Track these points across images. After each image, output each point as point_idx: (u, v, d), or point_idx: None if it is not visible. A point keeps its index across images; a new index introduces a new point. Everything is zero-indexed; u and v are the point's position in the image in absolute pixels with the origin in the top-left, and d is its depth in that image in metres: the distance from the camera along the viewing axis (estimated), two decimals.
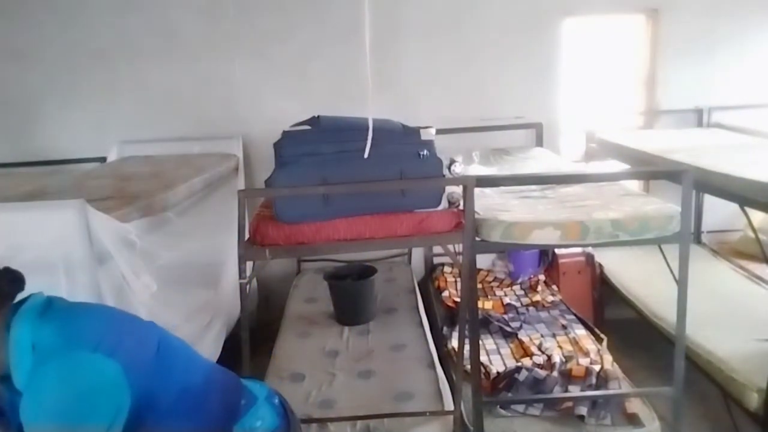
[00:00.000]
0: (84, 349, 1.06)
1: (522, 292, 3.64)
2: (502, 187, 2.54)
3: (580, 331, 3.02)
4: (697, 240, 3.93)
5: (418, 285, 3.84)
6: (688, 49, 3.87)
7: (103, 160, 3.64)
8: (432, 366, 2.74)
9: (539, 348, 2.85)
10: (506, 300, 3.46)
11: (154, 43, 3.78)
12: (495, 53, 3.86)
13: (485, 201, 2.37)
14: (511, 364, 2.71)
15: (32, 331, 1.05)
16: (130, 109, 3.84)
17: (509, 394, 2.46)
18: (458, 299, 3.23)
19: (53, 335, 1.06)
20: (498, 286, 3.77)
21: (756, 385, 2.28)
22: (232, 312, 2.97)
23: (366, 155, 1.98)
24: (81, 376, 1.03)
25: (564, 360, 2.67)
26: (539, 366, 2.63)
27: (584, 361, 2.64)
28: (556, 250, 3.70)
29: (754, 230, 2.80)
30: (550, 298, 3.46)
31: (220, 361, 1.82)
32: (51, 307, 1.13)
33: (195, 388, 1.27)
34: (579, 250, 3.68)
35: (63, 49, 3.77)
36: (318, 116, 2.18)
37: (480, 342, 2.50)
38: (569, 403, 2.37)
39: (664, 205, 2.24)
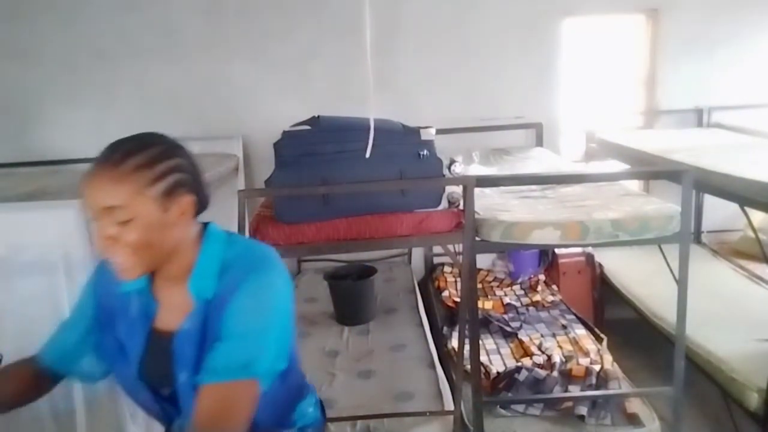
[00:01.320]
0: (278, 271, 1.10)
1: (522, 292, 3.64)
2: (502, 187, 2.54)
3: (580, 331, 3.02)
4: (697, 240, 3.93)
5: (418, 285, 3.84)
6: (688, 49, 3.87)
7: None
8: (432, 366, 2.74)
9: (539, 348, 2.85)
10: (506, 300, 3.46)
11: (154, 43, 3.78)
12: (495, 53, 3.86)
13: (485, 201, 2.37)
14: (511, 364, 2.71)
15: (224, 247, 1.11)
16: (130, 109, 3.84)
17: (509, 394, 2.46)
18: (458, 299, 3.23)
19: (249, 253, 1.11)
20: (498, 286, 3.77)
21: (756, 385, 2.28)
22: None
23: (368, 155, 1.98)
24: (277, 292, 1.08)
25: (564, 360, 2.67)
26: (539, 366, 2.63)
27: (584, 361, 2.64)
28: (556, 250, 3.70)
29: (754, 230, 2.80)
30: (550, 298, 3.46)
31: None
32: (233, 234, 1.18)
33: (291, 351, 1.27)
34: (579, 250, 3.68)
35: (63, 49, 3.77)
36: (318, 116, 2.19)
37: (480, 342, 2.50)
38: (569, 403, 2.37)
39: (664, 205, 2.24)
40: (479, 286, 3.64)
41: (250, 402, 1.00)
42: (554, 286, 3.65)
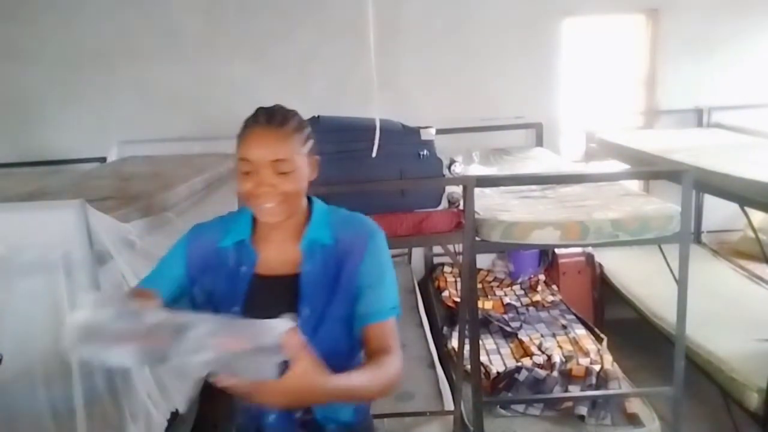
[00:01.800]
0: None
1: (522, 292, 3.64)
2: (502, 187, 2.54)
3: (580, 331, 3.02)
4: (697, 240, 3.93)
5: (418, 285, 3.84)
6: (688, 49, 3.87)
7: (103, 160, 3.63)
8: (432, 366, 2.74)
9: (539, 348, 2.85)
10: (506, 300, 3.46)
11: (155, 43, 3.78)
12: (495, 53, 3.86)
13: (485, 201, 2.38)
14: (511, 364, 2.71)
15: (327, 210, 1.31)
16: (130, 109, 3.84)
17: (509, 394, 2.47)
18: (458, 299, 3.23)
19: (357, 217, 1.30)
20: (498, 286, 3.77)
21: (756, 385, 2.28)
22: None
23: (374, 154, 1.99)
24: (388, 251, 1.27)
25: (564, 360, 2.67)
26: (539, 366, 2.63)
27: (584, 361, 2.64)
28: (556, 250, 3.70)
29: (754, 230, 2.80)
30: (550, 298, 3.46)
31: None
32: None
33: None
34: (579, 250, 3.68)
35: (63, 48, 3.77)
36: (318, 116, 2.18)
37: (480, 342, 2.50)
38: (569, 403, 2.37)
39: (664, 205, 2.24)
40: (479, 286, 3.64)
41: (397, 333, 1.23)
42: (554, 286, 3.65)
